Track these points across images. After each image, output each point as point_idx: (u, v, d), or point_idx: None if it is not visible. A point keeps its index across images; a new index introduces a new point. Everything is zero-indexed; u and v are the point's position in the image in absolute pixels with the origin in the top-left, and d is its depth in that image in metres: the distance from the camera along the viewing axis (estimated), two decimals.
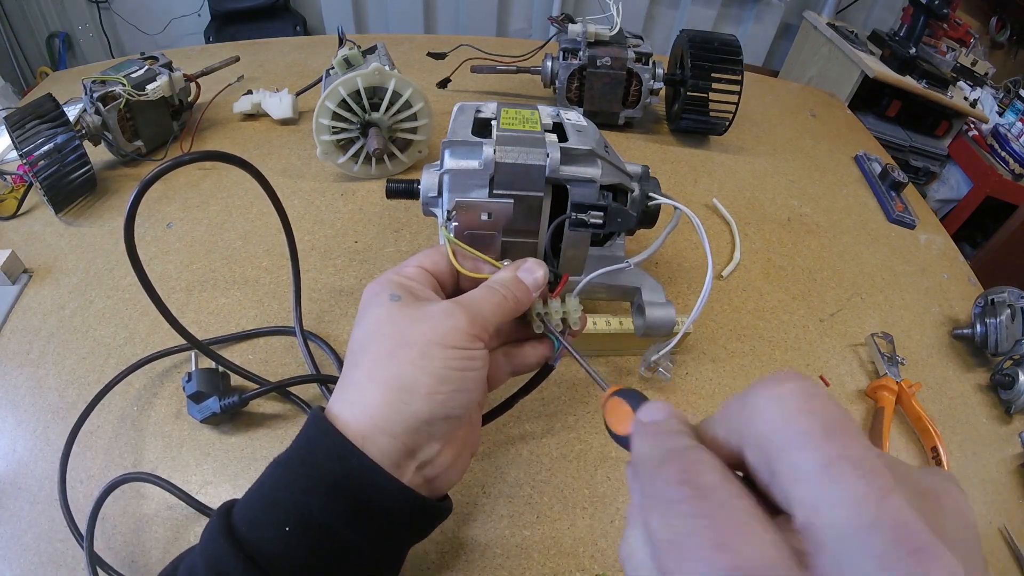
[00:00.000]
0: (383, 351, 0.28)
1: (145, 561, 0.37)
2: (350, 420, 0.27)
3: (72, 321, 0.51)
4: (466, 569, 0.38)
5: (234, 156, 0.38)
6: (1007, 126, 1.72)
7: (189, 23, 2.08)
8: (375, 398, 0.27)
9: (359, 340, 0.29)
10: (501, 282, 0.31)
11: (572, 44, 0.75)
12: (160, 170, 0.35)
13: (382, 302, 0.29)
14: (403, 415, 0.27)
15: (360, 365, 0.28)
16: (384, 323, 0.29)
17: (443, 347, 0.27)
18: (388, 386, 0.27)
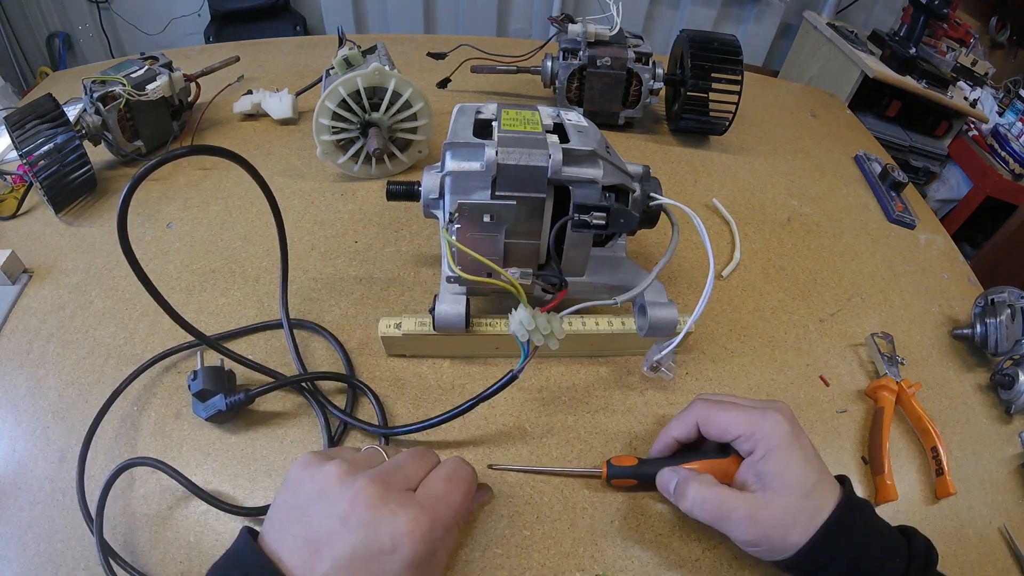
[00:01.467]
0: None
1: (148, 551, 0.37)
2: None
3: (72, 321, 0.51)
4: (466, 569, 0.38)
5: (220, 148, 0.39)
6: (1007, 126, 1.72)
7: (189, 23, 2.08)
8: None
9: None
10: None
11: (572, 44, 0.75)
12: (151, 166, 0.35)
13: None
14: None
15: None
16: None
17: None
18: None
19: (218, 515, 0.39)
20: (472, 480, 0.35)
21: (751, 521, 0.34)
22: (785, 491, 0.34)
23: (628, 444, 0.45)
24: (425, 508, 0.30)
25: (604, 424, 0.46)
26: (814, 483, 0.35)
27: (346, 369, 0.48)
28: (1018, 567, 0.43)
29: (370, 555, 0.28)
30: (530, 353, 0.36)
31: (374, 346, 0.50)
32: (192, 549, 0.38)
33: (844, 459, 0.47)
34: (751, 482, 0.36)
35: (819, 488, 0.35)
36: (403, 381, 0.48)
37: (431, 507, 0.30)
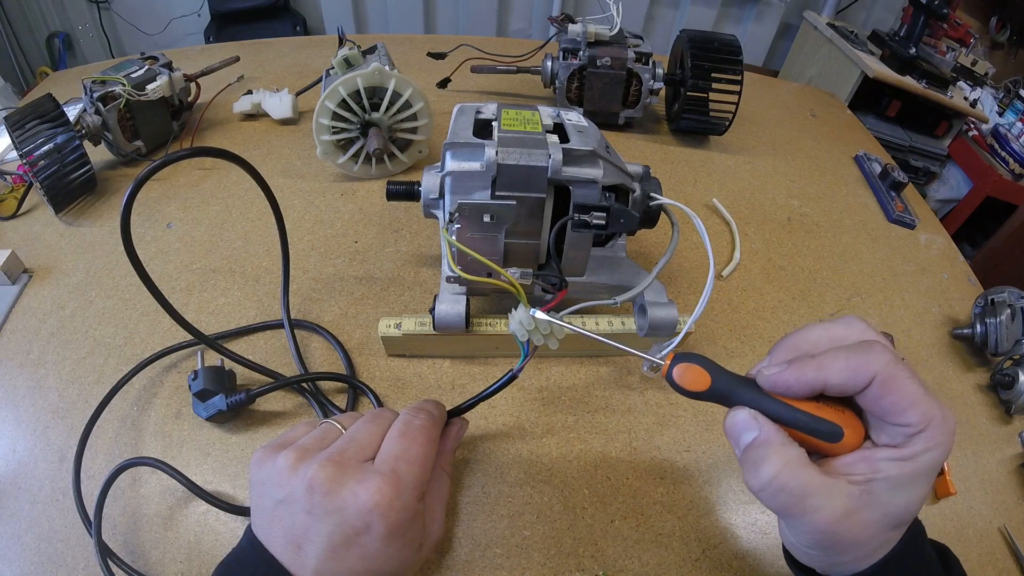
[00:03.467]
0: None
1: (148, 551, 0.37)
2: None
3: (72, 321, 0.51)
4: (466, 569, 0.38)
5: (222, 150, 0.39)
6: (1007, 126, 1.72)
7: (189, 23, 2.08)
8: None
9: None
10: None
11: (572, 44, 0.75)
12: (153, 167, 0.35)
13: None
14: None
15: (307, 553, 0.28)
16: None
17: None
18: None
19: (218, 515, 0.39)
20: (431, 425, 0.33)
21: (835, 523, 0.25)
22: (894, 511, 0.25)
23: (628, 444, 0.45)
24: (385, 475, 0.28)
25: (604, 424, 0.46)
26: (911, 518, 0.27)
27: (346, 369, 0.48)
28: (1018, 567, 0.43)
29: (347, 539, 0.27)
30: (530, 353, 0.36)
31: (374, 346, 0.50)
32: (192, 549, 0.38)
33: None
34: (861, 473, 0.25)
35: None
36: (403, 381, 0.48)
37: (391, 472, 0.29)
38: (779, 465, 0.25)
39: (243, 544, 0.30)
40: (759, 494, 0.26)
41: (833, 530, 0.25)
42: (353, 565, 0.28)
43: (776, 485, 0.25)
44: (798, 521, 0.25)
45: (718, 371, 0.28)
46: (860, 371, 0.25)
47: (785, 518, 0.27)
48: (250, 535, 0.30)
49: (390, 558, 0.28)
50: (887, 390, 0.25)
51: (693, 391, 0.28)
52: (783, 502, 0.25)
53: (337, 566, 0.28)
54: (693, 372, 0.28)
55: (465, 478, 0.42)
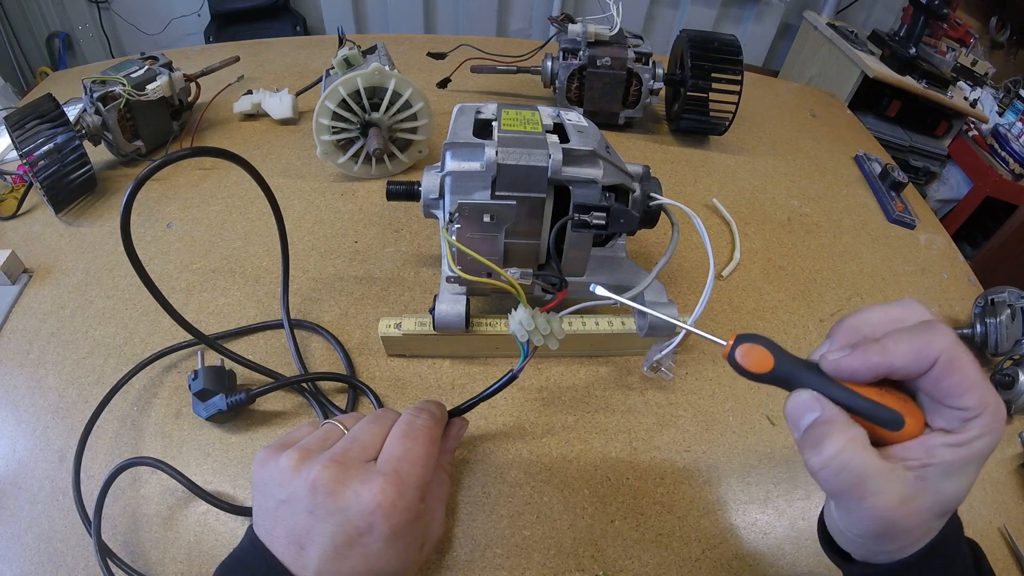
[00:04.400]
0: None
1: (148, 551, 0.37)
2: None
3: (72, 321, 0.51)
4: (466, 569, 0.38)
5: (222, 150, 0.39)
6: (1007, 126, 1.72)
7: (189, 23, 2.08)
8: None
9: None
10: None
11: (572, 44, 0.75)
12: (153, 167, 0.35)
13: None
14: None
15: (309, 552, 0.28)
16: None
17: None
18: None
19: (218, 515, 0.39)
20: (432, 425, 0.33)
21: (893, 510, 0.24)
22: (945, 498, 0.25)
23: (628, 444, 0.45)
24: (388, 476, 0.29)
25: (604, 424, 0.46)
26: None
27: (346, 369, 0.48)
28: (1018, 567, 0.43)
29: (349, 539, 0.28)
30: (530, 353, 0.36)
31: (374, 346, 0.50)
32: (192, 549, 0.38)
33: None
34: (917, 458, 0.25)
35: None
36: (403, 381, 0.48)
37: (394, 473, 0.29)
38: (842, 443, 0.24)
39: (244, 544, 0.30)
40: (819, 473, 0.25)
41: (890, 516, 0.24)
42: (355, 565, 0.28)
43: (838, 463, 0.24)
44: (856, 505, 0.25)
45: (781, 353, 0.27)
46: (924, 353, 0.24)
47: (843, 501, 0.26)
48: (251, 535, 0.30)
49: (392, 558, 0.28)
50: (949, 372, 0.24)
51: (756, 372, 0.27)
52: (844, 482, 0.24)
53: (339, 566, 0.28)
54: (756, 353, 0.27)
55: (465, 478, 0.42)
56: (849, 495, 0.25)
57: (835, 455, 0.24)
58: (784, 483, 0.45)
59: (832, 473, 0.24)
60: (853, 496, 0.25)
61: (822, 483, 0.25)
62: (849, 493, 0.25)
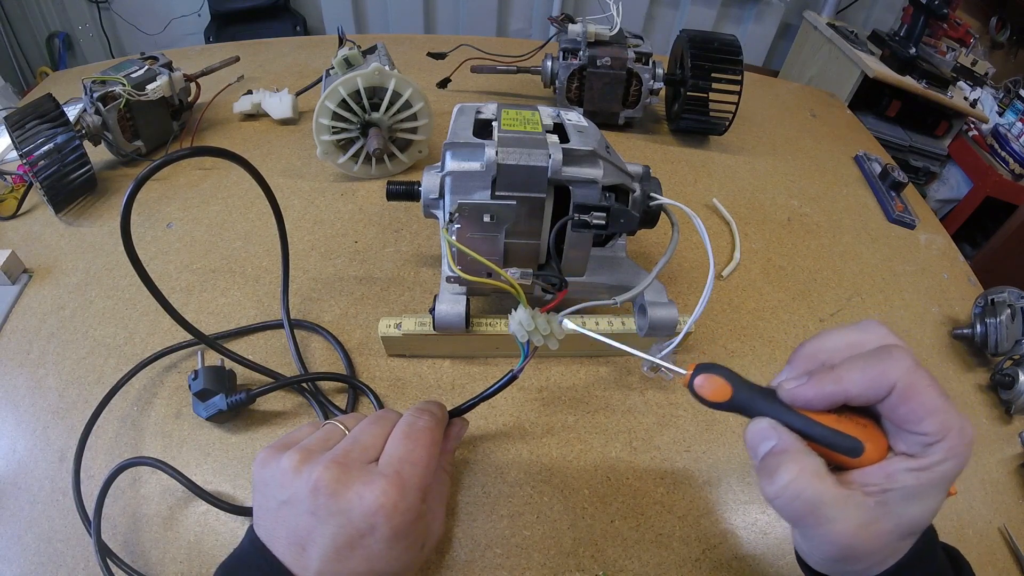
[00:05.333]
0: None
1: (148, 551, 0.37)
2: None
3: (72, 321, 0.51)
4: (466, 569, 0.38)
5: (223, 150, 0.39)
6: (1007, 126, 1.72)
7: (189, 23, 2.08)
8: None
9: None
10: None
11: (572, 44, 0.75)
12: (154, 167, 0.35)
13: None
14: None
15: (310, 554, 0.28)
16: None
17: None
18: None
19: (218, 515, 0.39)
20: (434, 426, 0.33)
21: (850, 536, 0.25)
22: (907, 521, 0.25)
23: (628, 444, 0.45)
24: (389, 477, 0.29)
25: (604, 424, 0.46)
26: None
27: (346, 369, 0.48)
28: (1018, 567, 0.43)
29: (351, 540, 0.28)
30: (530, 353, 0.36)
31: (374, 346, 0.50)
32: (192, 549, 0.38)
33: None
34: (877, 483, 0.25)
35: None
36: (403, 381, 0.48)
37: (396, 474, 0.29)
38: (794, 472, 0.24)
39: (245, 545, 0.30)
40: (774, 501, 0.25)
41: (847, 543, 0.24)
42: (356, 566, 0.28)
43: (791, 492, 0.24)
44: (812, 532, 0.25)
45: (739, 382, 0.28)
46: (879, 380, 0.25)
47: (799, 528, 0.26)
48: (252, 535, 0.30)
49: (393, 559, 0.28)
50: (905, 399, 0.24)
51: (714, 401, 0.28)
52: (797, 510, 0.25)
53: (340, 567, 0.28)
54: (714, 383, 0.28)
55: (465, 478, 0.42)
56: (804, 522, 0.25)
57: (787, 484, 0.24)
58: None
59: (785, 502, 0.25)
60: (808, 524, 0.25)
61: (778, 511, 0.26)
62: (804, 520, 0.25)
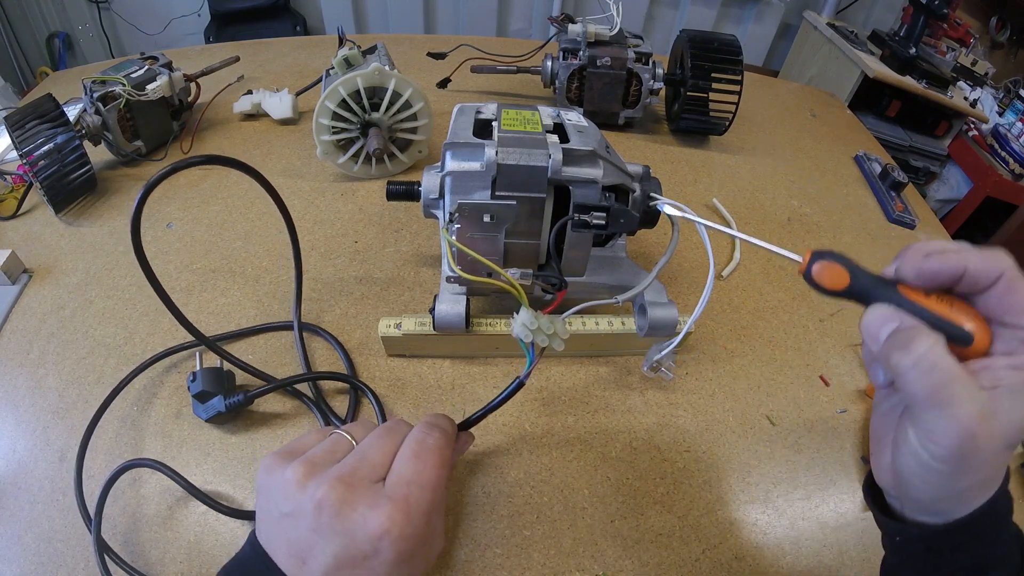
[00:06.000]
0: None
1: (148, 551, 0.37)
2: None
3: (72, 321, 0.51)
4: (466, 569, 0.38)
5: (237, 161, 0.39)
6: (1007, 126, 1.72)
7: (189, 23, 2.08)
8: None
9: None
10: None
11: (572, 44, 0.75)
12: (165, 172, 0.35)
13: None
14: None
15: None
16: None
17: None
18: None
19: (218, 515, 0.39)
20: (444, 445, 0.32)
21: (976, 422, 0.24)
22: (1016, 424, 0.25)
23: (628, 444, 0.45)
24: (396, 501, 0.28)
25: (604, 424, 0.46)
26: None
27: (347, 369, 0.48)
28: None
29: (353, 561, 0.27)
30: (536, 357, 0.35)
31: (374, 346, 0.50)
32: (192, 549, 0.38)
33: (845, 459, 0.47)
34: (985, 380, 0.25)
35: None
36: (403, 381, 0.48)
37: (403, 498, 0.28)
38: (931, 342, 0.24)
39: (246, 549, 0.30)
40: (910, 372, 0.25)
41: (973, 430, 0.24)
42: None
43: (929, 361, 0.24)
44: (940, 414, 0.24)
45: (857, 269, 0.28)
46: (993, 264, 0.25)
47: (928, 409, 0.25)
48: (253, 540, 0.30)
49: None
50: (1012, 288, 0.25)
51: (832, 289, 0.28)
52: (934, 382, 0.24)
53: None
54: (832, 270, 0.28)
55: (465, 478, 0.42)
56: (936, 399, 0.24)
57: (926, 353, 0.24)
58: (784, 483, 0.45)
59: (923, 372, 0.24)
60: (941, 400, 0.24)
61: (910, 384, 0.25)
62: (937, 396, 0.24)
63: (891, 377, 0.26)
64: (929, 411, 0.25)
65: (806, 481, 0.45)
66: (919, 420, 0.25)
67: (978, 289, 0.26)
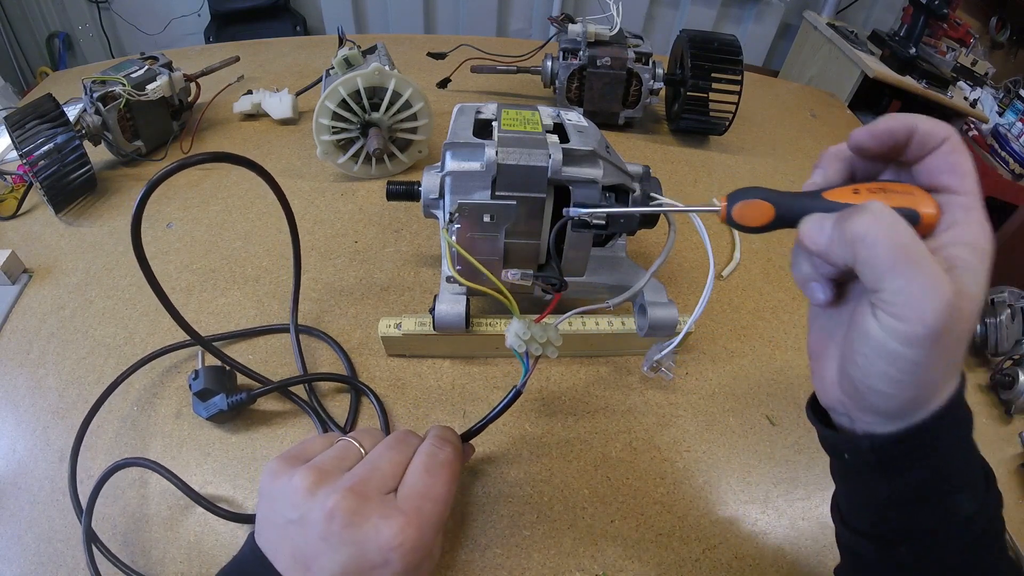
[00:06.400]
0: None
1: (148, 551, 0.37)
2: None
3: (72, 321, 0.51)
4: (466, 569, 0.38)
5: (242, 157, 0.39)
6: (1007, 126, 1.72)
7: (189, 23, 2.08)
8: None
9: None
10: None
11: (572, 44, 0.75)
12: (168, 170, 0.35)
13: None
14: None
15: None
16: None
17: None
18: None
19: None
20: (454, 459, 0.33)
21: (949, 291, 0.21)
22: (976, 303, 0.23)
23: (628, 444, 0.45)
24: (409, 514, 0.28)
25: (604, 424, 0.46)
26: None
27: (347, 370, 0.48)
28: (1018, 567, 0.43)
29: (360, 570, 0.27)
30: (531, 366, 0.35)
31: (374, 346, 0.50)
32: (192, 549, 0.38)
33: None
34: (944, 261, 0.23)
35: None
36: (403, 381, 0.48)
37: (415, 511, 0.28)
38: (883, 209, 0.22)
39: (245, 554, 0.30)
40: (871, 231, 0.22)
41: (951, 302, 0.21)
42: None
43: (891, 216, 0.22)
44: (913, 277, 0.21)
45: (777, 195, 0.26)
46: (940, 127, 0.24)
47: (895, 276, 0.22)
48: (252, 544, 0.29)
49: None
50: (958, 148, 0.24)
51: (761, 225, 0.26)
52: (901, 240, 0.22)
53: None
54: (753, 206, 0.26)
55: (465, 478, 0.42)
56: (908, 258, 0.21)
57: (884, 211, 0.22)
58: (784, 483, 0.45)
59: (886, 230, 0.22)
60: (912, 259, 0.21)
61: (874, 246, 0.22)
62: (908, 254, 0.21)
63: (846, 261, 0.23)
64: (899, 276, 0.22)
65: (806, 481, 0.45)
66: (887, 298, 0.22)
67: (925, 150, 0.25)
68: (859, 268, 0.23)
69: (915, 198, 0.24)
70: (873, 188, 0.25)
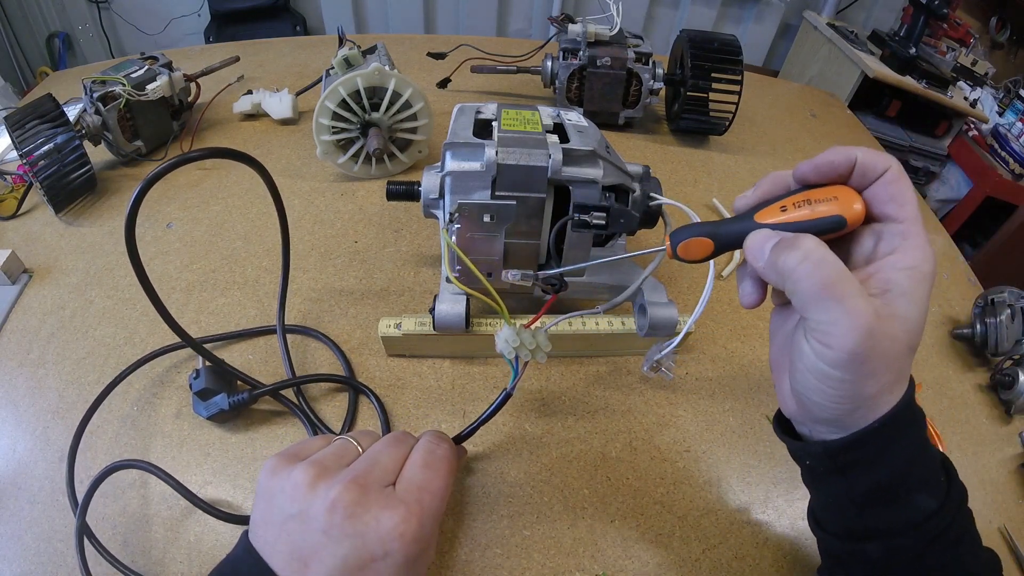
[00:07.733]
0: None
1: (148, 551, 0.37)
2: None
3: (72, 321, 0.51)
4: (466, 569, 0.38)
5: (237, 151, 0.38)
6: (1007, 126, 1.72)
7: (189, 23, 2.08)
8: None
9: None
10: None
11: (572, 44, 0.75)
12: (164, 168, 0.35)
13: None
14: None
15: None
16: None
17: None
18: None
19: None
20: (451, 456, 0.33)
21: (871, 319, 0.24)
22: (911, 326, 0.25)
23: (628, 444, 0.45)
24: (409, 505, 0.28)
25: (604, 424, 0.46)
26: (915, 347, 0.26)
27: (345, 371, 0.48)
28: (1018, 567, 0.43)
29: (362, 563, 0.27)
30: (520, 370, 0.36)
31: (374, 346, 0.50)
32: (192, 549, 0.38)
33: None
34: (876, 286, 0.26)
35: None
36: (403, 381, 0.48)
37: (416, 502, 0.29)
38: (815, 241, 0.25)
39: (239, 552, 0.29)
40: (799, 268, 0.25)
41: (869, 326, 0.23)
42: None
43: (818, 255, 0.24)
44: (836, 309, 0.24)
45: (713, 228, 0.29)
46: (881, 158, 0.26)
47: (821, 308, 0.24)
48: (246, 544, 0.29)
49: None
50: (898, 178, 0.26)
51: (705, 257, 0.30)
52: (824, 276, 0.24)
53: None
54: (694, 244, 0.30)
55: (465, 478, 0.42)
56: (829, 292, 0.24)
57: (813, 248, 0.25)
58: (784, 483, 0.45)
59: (813, 266, 0.24)
60: (834, 294, 0.24)
61: (801, 283, 0.25)
62: (830, 289, 0.24)
63: (779, 286, 0.26)
64: (822, 310, 0.24)
65: None
66: (813, 326, 0.25)
67: (867, 181, 0.27)
68: (789, 295, 0.26)
69: (839, 202, 0.27)
70: (799, 201, 0.27)
